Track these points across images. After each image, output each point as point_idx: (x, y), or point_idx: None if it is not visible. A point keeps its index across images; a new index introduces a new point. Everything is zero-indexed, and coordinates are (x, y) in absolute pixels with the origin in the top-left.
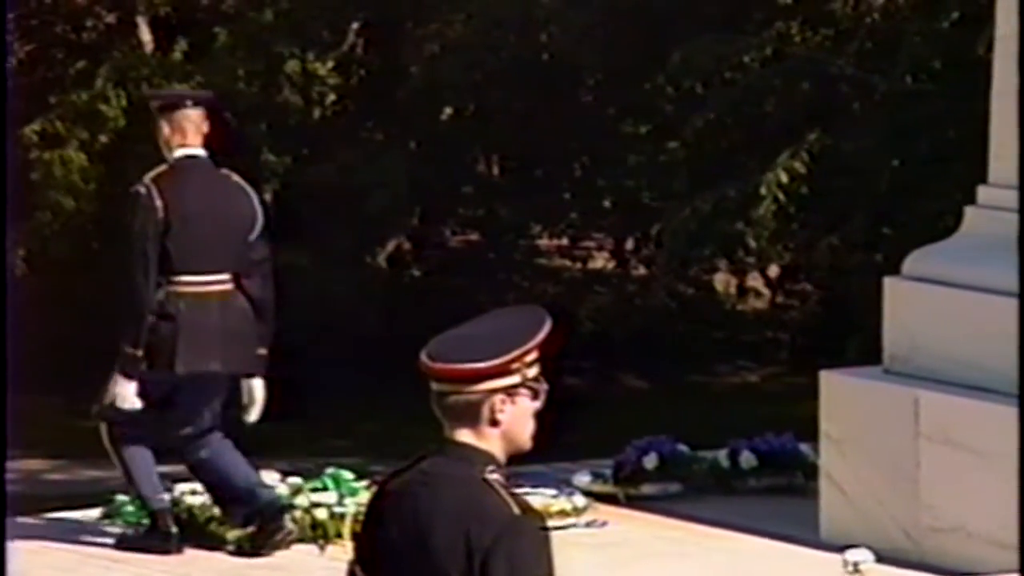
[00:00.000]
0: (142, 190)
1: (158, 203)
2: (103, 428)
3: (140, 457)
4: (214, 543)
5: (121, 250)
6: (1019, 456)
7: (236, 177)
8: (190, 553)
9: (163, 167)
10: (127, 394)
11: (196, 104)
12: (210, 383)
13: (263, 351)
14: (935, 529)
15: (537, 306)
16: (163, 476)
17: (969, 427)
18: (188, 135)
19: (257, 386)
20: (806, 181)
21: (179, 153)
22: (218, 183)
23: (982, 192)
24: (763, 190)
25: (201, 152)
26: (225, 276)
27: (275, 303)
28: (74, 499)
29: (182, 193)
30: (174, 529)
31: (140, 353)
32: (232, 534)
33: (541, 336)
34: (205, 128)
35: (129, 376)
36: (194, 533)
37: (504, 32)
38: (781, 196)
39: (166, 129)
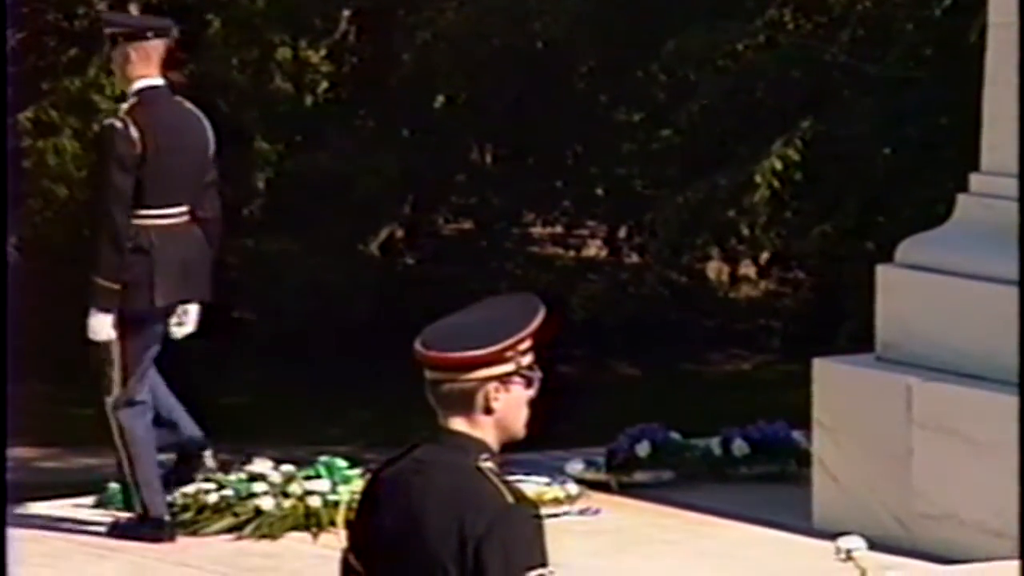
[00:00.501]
0: (118, 124)
1: (135, 135)
2: (117, 415)
3: (146, 444)
4: (208, 531)
5: (96, 184)
6: (1019, 446)
7: (190, 104)
8: (183, 541)
9: (132, 100)
10: (103, 327)
11: (158, 35)
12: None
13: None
14: (927, 516)
15: (531, 294)
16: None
17: (962, 415)
18: (152, 65)
19: (193, 309)
20: (799, 168)
21: (142, 84)
22: (181, 115)
23: (974, 180)
24: (757, 178)
25: (162, 82)
26: (186, 208)
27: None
28: (67, 487)
29: (155, 127)
30: (167, 517)
31: (118, 287)
32: (224, 522)
33: (535, 324)
34: (162, 58)
35: (106, 310)
36: (188, 521)
37: (496, 20)
38: (775, 183)
39: (133, 57)
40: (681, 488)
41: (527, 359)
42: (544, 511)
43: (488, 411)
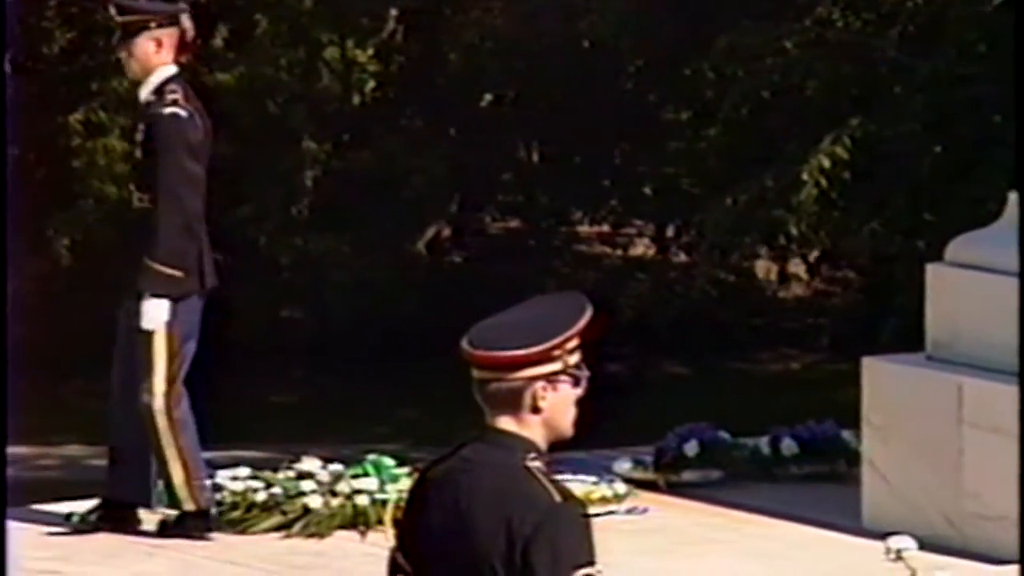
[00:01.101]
0: (183, 112)
1: (199, 123)
2: (169, 410)
3: (193, 440)
4: (256, 529)
5: (162, 173)
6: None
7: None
8: (232, 539)
9: (174, 87)
10: (161, 313)
11: (175, 21)
12: None
13: None
14: (978, 516)
15: (578, 292)
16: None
17: (1012, 414)
18: (173, 52)
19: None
20: (848, 166)
21: (167, 71)
22: (199, 101)
23: None
24: (805, 175)
25: (177, 69)
26: None
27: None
28: None
29: (202, 113)
30: (213, 511)
31: (180, 273)
32: (272, 520)
33: (582, 323)
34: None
35: (164, 296)
36: (236, 519)
37: (543, 18)
38: (823, 181)
39: (165, 44)
40: (729, 488)
41: (574, 358)
42: (591, 510)
43: (536, 410)
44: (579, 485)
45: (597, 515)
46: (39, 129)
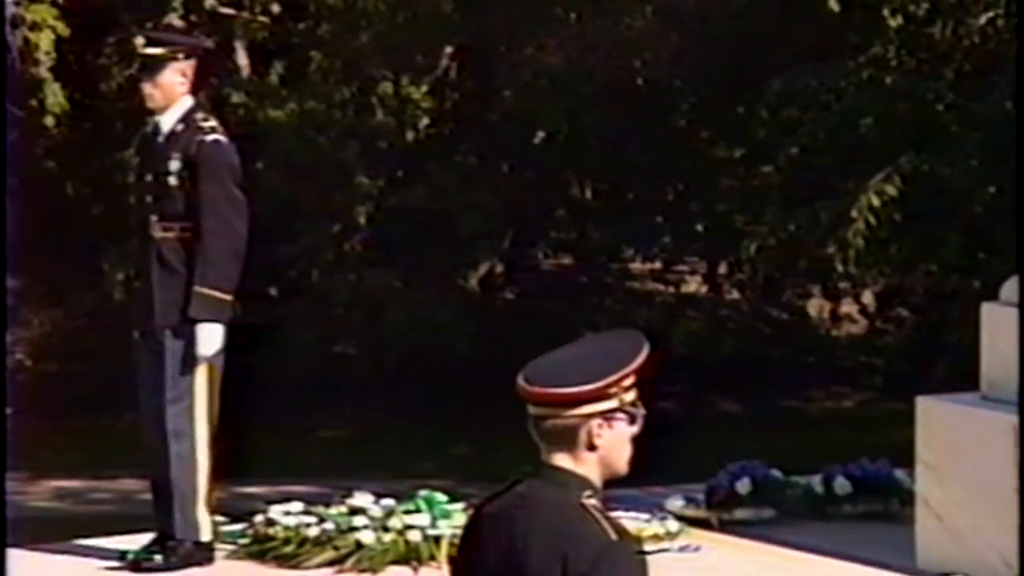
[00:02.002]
0: (224, 139)
1: (236, 149)
2: (207, 445)
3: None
4: (309, 564)
5: (209, 201)
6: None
7: None
8: (285, 574)
9: (207, 115)
10: (217, 337)
11: (198, 52)
12: None
13: None
14: None
15: (634, 330)
16: (250, 496)
17: None
18: (195, 82)
19: None
20: (899, 204)
21: (189, 102)
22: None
23: None
24: (854, 212)
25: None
26: None
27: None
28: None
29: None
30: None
31: (231, 298)
32: (325, 555)
33: (639, 360)
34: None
35: (219, 321)
36: (289, 554)
37: (597, 57)
38: (872, 219)
39: (188, 74)
40: (783, 526)
41: (631, 395)
42: (644, 548)
43: (591, 447)
44: (632, 522)
45: (649, 553)
46: (94, 165)
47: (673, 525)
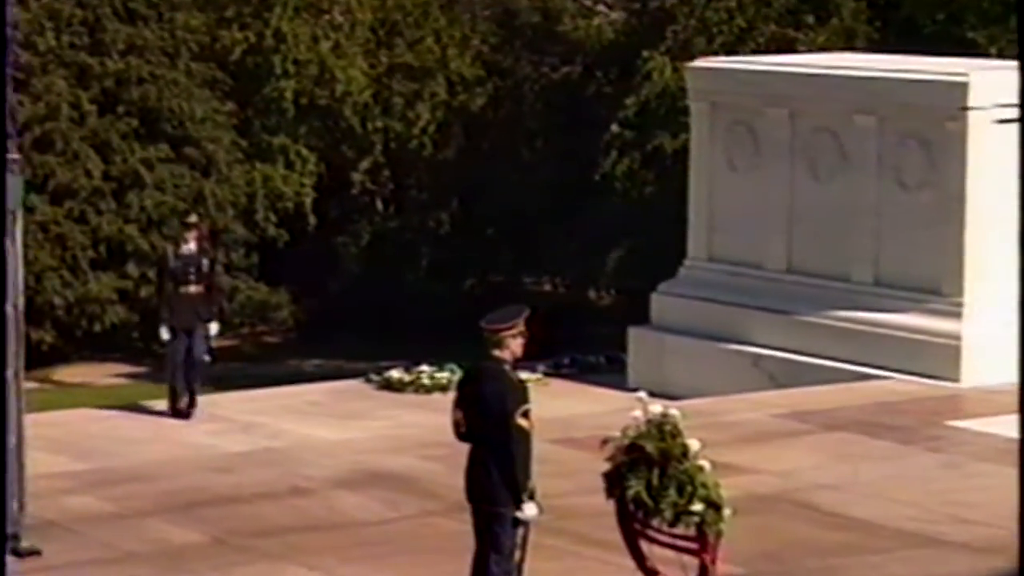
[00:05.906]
0: None
1: None
2: None
3: None
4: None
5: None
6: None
7: None
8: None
9: None
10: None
11: None
12: None
13: None
14: None
15: (521, 304)
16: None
17: None
18: None
19: None
20: None
21: None
22: None
23: None
24: None
25: None
26: None
27: None
28: None
29: None
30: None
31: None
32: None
33: (524, 315)
34: None
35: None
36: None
37: None
38: None
39: None
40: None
41: (522, 328)
42: (527, 383)
43: (507, 348)
44: (524, 374)
45: (528, 383)
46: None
47: (536, 376)
